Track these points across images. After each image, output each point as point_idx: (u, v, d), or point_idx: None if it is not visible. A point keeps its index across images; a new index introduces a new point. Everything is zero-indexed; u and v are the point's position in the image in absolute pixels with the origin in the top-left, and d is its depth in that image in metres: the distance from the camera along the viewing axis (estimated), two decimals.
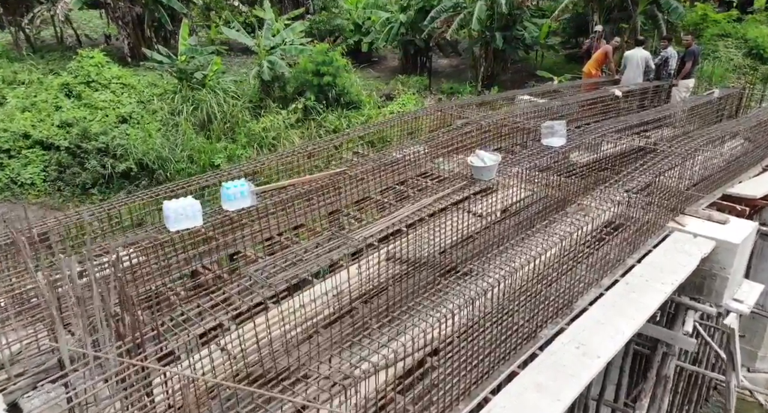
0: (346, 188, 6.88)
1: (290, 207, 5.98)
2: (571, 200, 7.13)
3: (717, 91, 10.05)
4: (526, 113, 8.85)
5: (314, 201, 6.40)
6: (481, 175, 5.78)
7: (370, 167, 6.49)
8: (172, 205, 4.55)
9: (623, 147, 8.09)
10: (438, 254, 5.74)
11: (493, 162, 5.74)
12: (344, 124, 18.48)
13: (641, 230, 6.05)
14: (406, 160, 7.54)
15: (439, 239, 5.64)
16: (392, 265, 5.35)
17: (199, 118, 17.10)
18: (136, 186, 15.70)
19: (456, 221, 5.77)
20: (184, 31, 18.61)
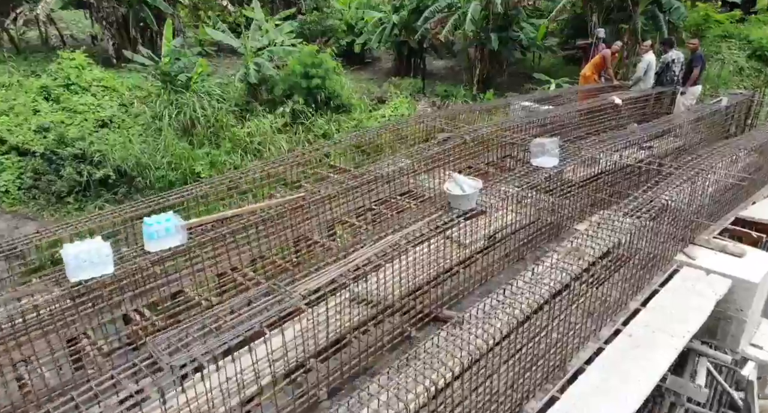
0: (317, 212, 6.04)
1: (243, 238, 5.12)
2: (565, 225, 6.27)
3: (725, 99, 9.17)
4: (517, 125, 7.98)
5: (278, 227, 5.54)
6: (458, 204, 4.92)
7: (337, 190, 5.63)
8: (71, 250, 3.69)
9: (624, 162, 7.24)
10: (413, 296, 4.89)
11: (473, 190, 4.88)
12: (333, 128, 17.63)
13: (645, 265, 5.18)
14: (386, 177, 6.69)
15: (414, 275, 4.80)
16: (357, 309, 4.50)
17: (182, 122, 16.22)
18: (113, 194, 14.86)
19: (434, 253, 4.92)
20: (168, 32, 17.72)
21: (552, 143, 5.72)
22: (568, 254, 4.34)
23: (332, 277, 3.61)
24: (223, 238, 4.58)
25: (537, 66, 22.80)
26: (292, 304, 3.26)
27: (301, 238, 6.03)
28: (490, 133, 7.16)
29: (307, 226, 5.99)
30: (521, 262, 5.66)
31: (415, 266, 4.71)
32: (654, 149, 8.49)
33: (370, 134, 7.91)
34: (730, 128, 9.85)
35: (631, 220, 5.04)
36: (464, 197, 4.82)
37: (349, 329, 4.27)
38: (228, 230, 4.70)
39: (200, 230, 4.66)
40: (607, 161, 6.37)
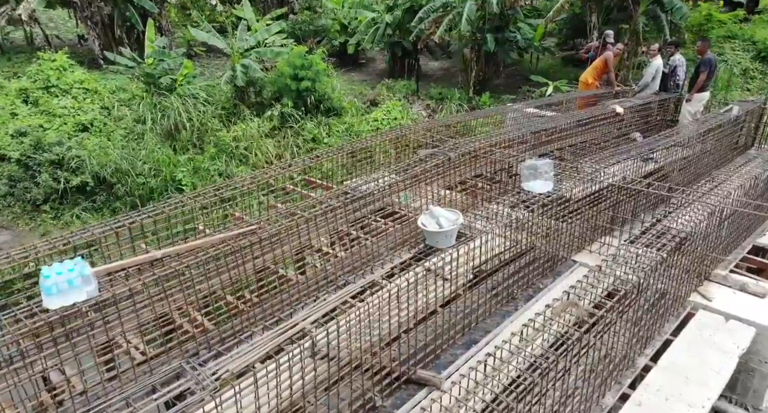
0: (286, 240, 5.25)
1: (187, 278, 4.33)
2: (563, 257, 5.49)
3: (736, 108, 8.38)
4: (509, 139, 7.20)
5: (235, 261, 4.75)
6: (435, 242, 4.15)
7: (296, 220, 4.83)
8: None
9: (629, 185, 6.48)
10: (380, 349, 4.12)
11: (452, 225, 4.10)
12: (323, 132, 16.83)
13: (656, 309, 4.41)
14: (366, 197, 5.91)
15: (387, 322, 4.03)
16: (317, 365, 3.71)
17: (165, 126, 15.43)
18: (92, 202, 14.08)
19: (412, 293, 4.14)
20: (150, 33, 16.95)
21: (546, 166, 4.93)
22: (565, 309, 3.56)
23: (265, 350, 2.84)
24: (156, 283, 3.79)
25: (535, 67, 21.99)
26: (203, 396, 2.48)
27: (264, 270, 5.26)
28: (478, 149, 6.36)
29: (272, 256, 5.21)
30: (511, 303, 4.88)
31: (382, 311, 3.94)
32: (659, 161, 7.71)
33: (335, 152, 7.10)
34: (739, 138, 9.07)
35: (647, 251, 4.27)
36: (441, 234, 4.05)
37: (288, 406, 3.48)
38: (164, 273, 3.91)
39: (132, 273, 3.88)
40: (610, 182, 5.58)
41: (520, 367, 3.21)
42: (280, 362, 3.15)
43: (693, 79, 9.65)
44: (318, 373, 3.49)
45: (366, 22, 20.72)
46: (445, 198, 6.58)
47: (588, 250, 5.56)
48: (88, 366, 3.46)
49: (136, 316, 3.63)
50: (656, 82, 10.20)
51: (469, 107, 19.00)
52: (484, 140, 7.20)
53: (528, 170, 4.98)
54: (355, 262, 5.31)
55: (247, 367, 2.99)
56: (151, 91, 16.32)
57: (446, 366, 4.11)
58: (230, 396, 2.76)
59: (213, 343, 4.08)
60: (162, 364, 3.86)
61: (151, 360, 3.95)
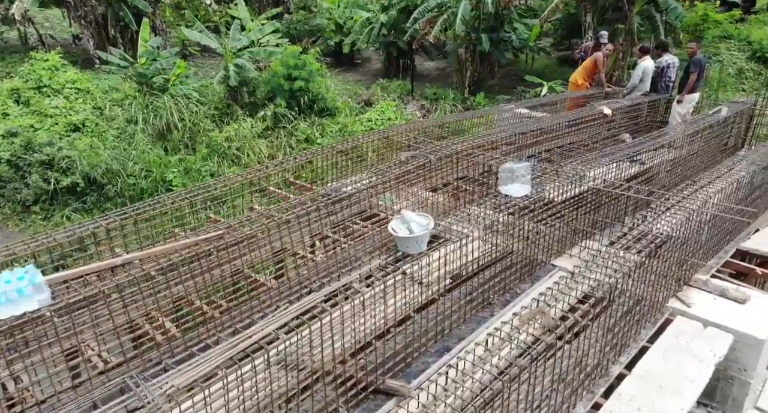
0: (265, 242, 5.15)
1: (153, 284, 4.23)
2: (542, 261, 5.38)
3: (725, 110, 8.26)
4: (492, 140, 7.10)
5: (209, 264, 4.66)
6: (405, 247, 4.04)
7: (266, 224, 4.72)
8: None
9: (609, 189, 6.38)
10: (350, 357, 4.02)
11: (423, 230, 4.00)
12: (317, 133, 16.74)
13: (632, 315, 4.30)
14: (346, 199, 5.80)
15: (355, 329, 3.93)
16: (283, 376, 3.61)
17: (157, 127, 15.34)
18: (82, 203, 13.99)
19: (384, 298, 4.04)
20: (145, 32, 16.84)
21: (523, 169, 4.82)
22: (532, 318, 3.46)
23: (216, 363, 2.74)
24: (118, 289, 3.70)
25: (530, 67, 21.90)
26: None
27: (239, 274, 5.16)
28: (460, 151, 6.26)
29: (247, 259, 5.11)
30: (488, 309, 4.78)
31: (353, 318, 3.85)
32: (645, 164, 7.61)
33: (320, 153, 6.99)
34: (729, 140, 8.95)
35: (624, 255, 4.18)
36: (412, 239, 3.94)
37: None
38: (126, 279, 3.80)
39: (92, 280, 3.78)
40: (590, 185, 5.47)
41: (483, 379, 3.11)
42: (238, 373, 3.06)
43: (683, 80, 9.52)
44: (280, 384, 3.39)
45: (361, 22, 20.64)
46: (427, 200, 6.48)
47: (568, 254, 5.45)
48: (42, 376, 3.36)
49: (95, 325, 3.53)
50: (645, 84, 10.08)
51: (463, 107, 18.90)
52: (468, 141, 7.10)
53: (505, 173, 4.88)
54: (331, 267, 5.21)
55: (194, 382, 2.89)
56: (144, 91, 16.23)
57: (417, 374, 4.00)
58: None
59: (178, 352, 3.98)
60: (123, 374, 3.77)
61: (113, 369, 3.86)
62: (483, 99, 18.83)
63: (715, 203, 4.96)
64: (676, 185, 7.52)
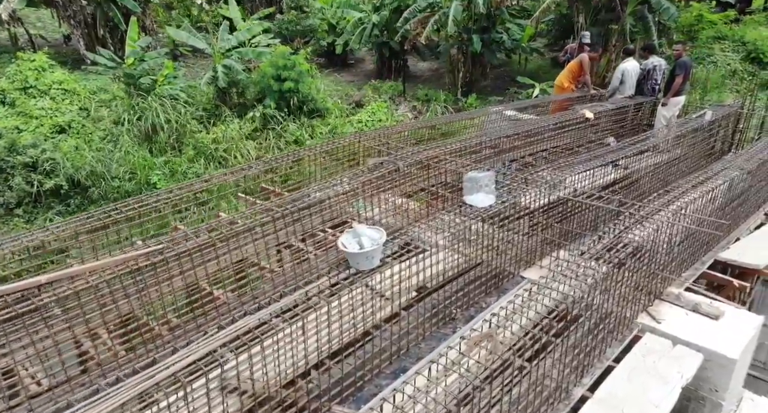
0: (225, 249, 4.94)
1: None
2: (510, 273, 5.17)
3: (709, 113, 8.03)
4: (473, 145, 6.88)
5: (164, 276, 4.44)
6: (356, 264, 3.83)
7: (219, 235, 4.51)
8: None
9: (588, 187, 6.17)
10: (306, 374, 3.81)
11: (373, 245, 3.78)
12: (306, 134, 16.52)
13: (598, 333, 4.09)
14: (315, 205, 5.59)
15: (312, 345, 3.72)
16: (219, 403, 3.40)
17: (142, 128, 15.13)
18: (66, 206, 13.78)
19: (341, 315, 3.83)
20: (132, 32, 16.61)
21: (487, 178, 4.61)
22: (481, 341, 3.24)
23: (128, 395, 2.52)
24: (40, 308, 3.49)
25: (524, 68, 21.66)
26: None
27: (193, 287, 4.95)
28: (431, 157, 6.04)
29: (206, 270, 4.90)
30: (450, 324, 4.56)
31: (306, 336, 3.63)
32: (622, 169, 7.40)
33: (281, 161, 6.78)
34: (715, 144, 8.73)
35: (591, 265, 3.98)
36: (362, 255, 3.72)
37: None
38: (53, 298, 3.60)
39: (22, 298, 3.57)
40: (559, 195, 5.25)
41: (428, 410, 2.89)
42: (169, 400, 2.85)
43: (668, 83, 9.29)
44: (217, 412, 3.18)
45: (353, 23, 20.41)
46: (400, 207, 6.27)
47: (539, 265, 5.24)
48: None
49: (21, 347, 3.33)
50: (626, 86, 9.86)
51: (455, 108, 18.68)
52: (445, 146, 6.88)
53: (469, 182, 4.66)
54: (290, 279, 5.00)
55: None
56: (131, 92, 16.03)
57: (368, 399, 3.79)
58: None
59: (114, 374, 3.77)
60: (61, 396, 3.57)
61: (49, 391, 3.66)
62: (475, 100, 18.61)
63: (688, 214, 4.74)
64: (656, 191, 7.32)
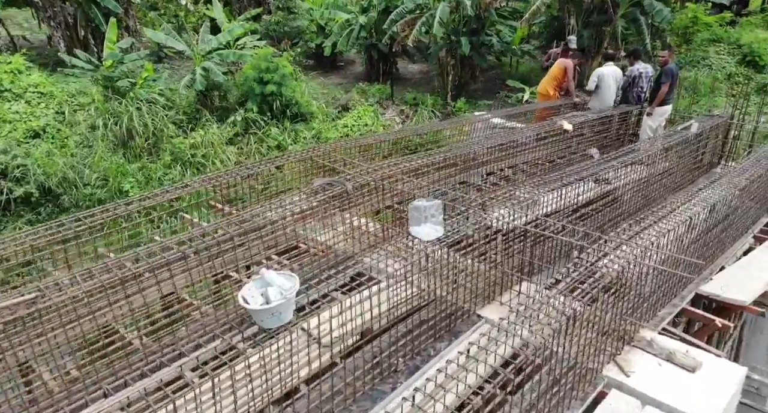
0: (150, 281, 4.37)
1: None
2: (466, 312, 4.57)
3: (695, 125, 7.41)
4: (434, 162, 6.29)
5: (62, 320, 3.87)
6: (261, 321, 3.23)
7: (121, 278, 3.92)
8: None
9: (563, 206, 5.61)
10: None
11: (281, 299, 3.19)
12: (289, 139, 15.92)
13: (555, 389, 3.50)
14: (254, 228, 5.01)
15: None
16: None
17: (118, 133, 14.54)
18: (36, 214, 13.20)
19: (269, 369, 3.25)
20: (111, 33, 16.01)
21: (434, 208, 4.01)
22: None
23: None
24: None
25: (515, 71, 21.04)
26: None
27: (106, 329, 4.36)
28: (387, 176, 5.44)
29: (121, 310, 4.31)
30: (391, 378, 3.96)
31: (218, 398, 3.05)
32: (611, 183, 6.82)
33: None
34: (703, 156, 8.13)
35: (560, 306, 3.40)
36: (266, 312, 3.12)
37: None
38: None
39: None
40: (515, 224, 4.64)
41: None
42: None
43: (654, 92, 8.67)
44: None
45: (340, 24, 19.79)
46: (357, 230, 5.67)
47: (498, 301, 4.64)
48: None
49: None
50: (603, 93, 9.22)
51: (443, 113, 18.09)
52: (409, 162, 6.29)
53: (414, 212, 4.07)
54: (221, 318, 4.42)
55: None
56: (109, 95, 15.45)
57: None
58: None
59: None
60: None
61: None
62: (464, 104, 18.01)
63: (661, 248, 4.14)
64: (639, 209, 6.73)
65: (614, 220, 6.34)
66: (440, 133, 9.70)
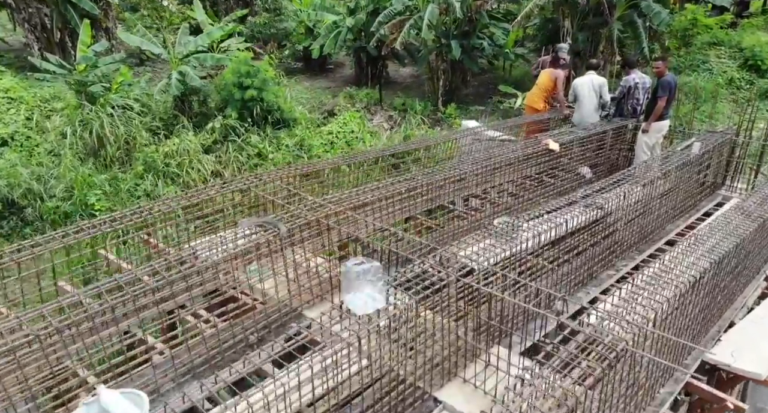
0: None
1: None
2: (422, 394, 3.66)
3: (697, 145, 6.49)
4: (393, 194, 5.37)
5: None
6: None
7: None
8: None
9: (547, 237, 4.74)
10: None
11: None
12: (269, 147, 15.00)
13: None
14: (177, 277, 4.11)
15: None
16: None
17: (88, 141, 13.65)
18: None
19: None
20: (85, 35, 15.11)
21: (372, 273, 3.11)
22: None
23: None
24: None
25: (508, 75, 20.10)
26: None
27: None
28: (334, 213, 4.53)
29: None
30: None
31: None
32: (604, 207, 5.89)
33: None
34: (706, 177, 7.20)
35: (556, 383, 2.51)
36: None
37: None
38: None
39: None
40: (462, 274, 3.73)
41: None
42: None
43: (649, 105, 7.74)
44: None
45: (327, 26, 18.86)
46: (309, 270, 4.74)
47: (461, 377, 3.73)
48: None
49: None
50: (581, 104, 8.29)
51: (433, 119, 17.18)
52: (372, 191, 5.39)
53: (347, 277, 3.17)
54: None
55: None
56: (82, 100, 14.55)
57: None
58: None
59: None
60: None
61: None
62: (455, 110, 17.09)
63: (659, 324, 3.23)
64: (634, 242, 5.81)
65: (607, 256, 5.44)
66: (416, 151, 8.78)
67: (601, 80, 8.40)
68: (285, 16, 20.55)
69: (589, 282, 5.09)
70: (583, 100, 8.23)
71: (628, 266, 5.44)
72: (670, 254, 3.99)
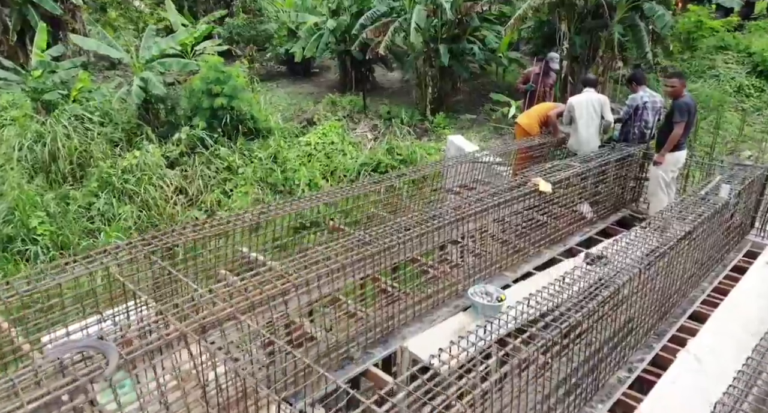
0: None
1: None
2: None
3: (726, 188, 5.03)
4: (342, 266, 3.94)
5: None
6: None
7: None
8: None
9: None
10: None
11: None
12: (239, 160, 13.54)
13: None
14: None
15: None
16: None
17: (38, 155, 12.22)
18: None
19: None
20: (41, 39, 13.66)
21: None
22: None
23: None
24: None
25: (501, 80, 18.61)
26: None
27: None
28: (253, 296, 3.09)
29: None
30: None
31: None
32: (608, 258, 4.45)
33: None
34: (733, 220, 5.74)
35: None
36: None
37: None
38: None
39: None
40: None
41: None
42: None
43: (663, 132, 6.23)
44: None
45: (308, 28, 17.39)
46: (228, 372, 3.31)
47: None
48: None
49: None
50: (579, 127, 6.80)
51: (420, 128, 15.71)
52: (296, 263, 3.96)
53: None
54: None
55: None
56: (38, 108, 13.14)
57: None
58: None
59: None
60: None
61: None
62: (444, 120, 15.64)
63: None
64: (655, 325, 4.37)
65: (619, 344, 3.99)
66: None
67: (602, 98, 6.91)
68: (267, 18, 19.06)
69: (594, 395, 3.64)
70: (581, 122, 6.76)
71: (645, 360, 3.99)
72: (699, 342, 2.55)
